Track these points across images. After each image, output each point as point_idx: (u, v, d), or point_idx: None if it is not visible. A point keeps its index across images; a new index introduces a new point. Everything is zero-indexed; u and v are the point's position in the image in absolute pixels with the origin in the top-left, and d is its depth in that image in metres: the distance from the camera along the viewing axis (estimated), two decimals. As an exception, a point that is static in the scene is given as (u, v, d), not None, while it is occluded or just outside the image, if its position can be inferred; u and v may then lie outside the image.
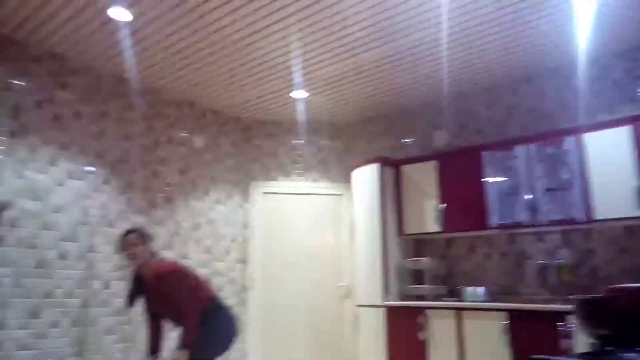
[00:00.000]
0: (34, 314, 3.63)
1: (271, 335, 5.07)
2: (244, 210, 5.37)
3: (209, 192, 5.07)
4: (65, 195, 3.95)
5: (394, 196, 4.73)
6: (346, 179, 5.50)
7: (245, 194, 5.41)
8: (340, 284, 5.23)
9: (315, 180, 5.51)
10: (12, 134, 3.72)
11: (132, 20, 3.55)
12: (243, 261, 5.23)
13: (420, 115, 5.14)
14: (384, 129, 5.41)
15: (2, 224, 2.88)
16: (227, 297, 5.01)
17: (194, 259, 4.79)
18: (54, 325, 3.72)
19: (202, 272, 4.82)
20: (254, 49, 3.97)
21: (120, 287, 4.17)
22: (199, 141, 5.08)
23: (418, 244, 4.89)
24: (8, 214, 3.59)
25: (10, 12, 3.45)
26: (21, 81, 3.84)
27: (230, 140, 5.41)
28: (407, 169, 4.75)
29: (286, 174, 5.51)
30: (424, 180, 4.59)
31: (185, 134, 4.97)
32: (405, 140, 5.18)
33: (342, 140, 5.64)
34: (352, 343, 5.04)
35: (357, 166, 4.93)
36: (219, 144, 5.28)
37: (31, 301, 3.63)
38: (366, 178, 4.75)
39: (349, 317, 5.13)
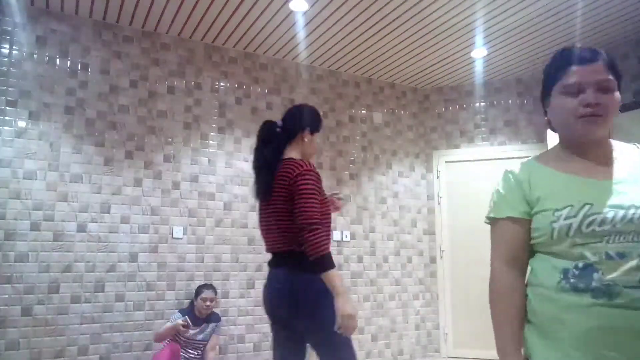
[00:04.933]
0: (250, 285, 4.16)
1: (463, 306, 4.96)
2: (427, 182, 5.27)
3: (391, 166, 5.10)
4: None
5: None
6: (540, 139, 4.97)
7: (428, 164, 5.30)
8: (538, 255, 4.82)
9: (502, 144, 5.11)
10: (221, 130, 4.25)
11: (308, 10, 3.68)
12: (430, 232, 5.18)
13: (629, 54, 4.32)
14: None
15: None
16: (416, 269, 5.04)
17: (382, 232, 4.91)
18: (267, 294, 4.22)
19: (390, 244, 4.93)
20: (429, 13, 3.78)
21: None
22: (378, 116, 5.11)
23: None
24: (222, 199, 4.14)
25: (216, 25, 3.89)
26: (224, 82, 4.34)
27: (409, 112, 5.32)
28: (616, 119, 4.06)
29: (470, 140, 5.21)
30: (641, 137, 3.87)
31: (365, 111, 5.04)
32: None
33: (531, 96, 5.09)
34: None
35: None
36: (398, 117, 5.24)
37: (246, 274, 4.16)
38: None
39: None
